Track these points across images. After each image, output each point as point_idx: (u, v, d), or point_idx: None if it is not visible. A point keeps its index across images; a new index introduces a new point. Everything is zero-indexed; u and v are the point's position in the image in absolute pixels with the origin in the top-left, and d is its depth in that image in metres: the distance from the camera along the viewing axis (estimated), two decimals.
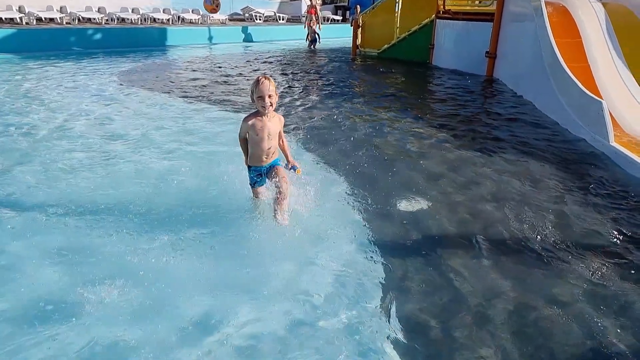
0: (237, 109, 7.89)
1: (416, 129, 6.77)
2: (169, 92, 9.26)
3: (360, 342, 2.55)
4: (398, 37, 14.62)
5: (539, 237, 3.69)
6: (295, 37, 20.59)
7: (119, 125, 6.77)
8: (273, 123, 3.49)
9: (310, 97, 9.00)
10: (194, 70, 12.24)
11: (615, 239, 3.67)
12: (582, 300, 2.93)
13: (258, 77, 3.33)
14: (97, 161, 5.19)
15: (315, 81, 10.82)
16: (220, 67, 12.81)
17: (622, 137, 5.96)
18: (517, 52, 9.80)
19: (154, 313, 2.66)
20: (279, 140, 3.64)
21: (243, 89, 9.73)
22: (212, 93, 9.26)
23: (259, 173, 3.68)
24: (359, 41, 16.21)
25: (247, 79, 10.95)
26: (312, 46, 18.43)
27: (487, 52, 11.03)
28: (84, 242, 3.42)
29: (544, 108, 7.66)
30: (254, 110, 3.50)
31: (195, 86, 9.96)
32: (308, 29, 18.77)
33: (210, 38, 19.43)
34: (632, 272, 3.24)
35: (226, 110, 7.84)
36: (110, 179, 4.69)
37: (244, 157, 3.72)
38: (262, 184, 3.75)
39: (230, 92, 9.43)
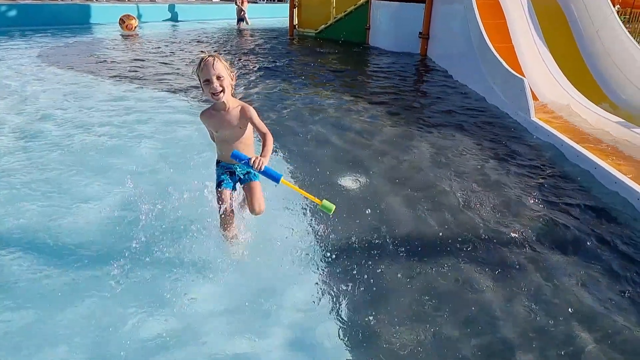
0: (170, 90, 7.59)
1: (353, 107, 6.86)
2: (95, 73, 8.72)
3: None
4: (335, 18, 14.63)
5: (469, 207, 3.92)
6: (227, 17, 19.92)
7: (37, 110, 6.29)
8: (234, 115, 2.74)
9: (248, 77, 8.83)
10: (122, 51, 11.59)
11: (535, 206, 3.97)
12: (506, 271, 3.16)
13: (202, 57, 2.62)
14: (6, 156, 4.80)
15: (252, 62, 10.62)
16: (149, 47, 12.23)
17: (541, 109, 6.40)
18: (447, 33, 10.16)
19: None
20: (260, 135, 2.77)
21: (174, 68, 9.37)
22: (143, 74, 8.83)
23: (229, 170, 2.95)
24: (295, 21, 16.04)
25: (180, 59, 10.54)
26: (239, 25, 17.90)
27: (420, 33, 11.34)
28: None
29: (473, 86, 8.04)
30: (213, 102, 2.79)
31: (123, 66, 9.44)
32: (236, 8, 18.23)
33: (139, 16, 18.41)
34: (548, 238, 3.53)
35: (159, 91, 7.52)
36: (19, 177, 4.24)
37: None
38: (230, 186, 2.96)
39: (162, 72, 9.03)
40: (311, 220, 3.58)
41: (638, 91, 7.32)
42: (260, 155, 2.57)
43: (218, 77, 2.59)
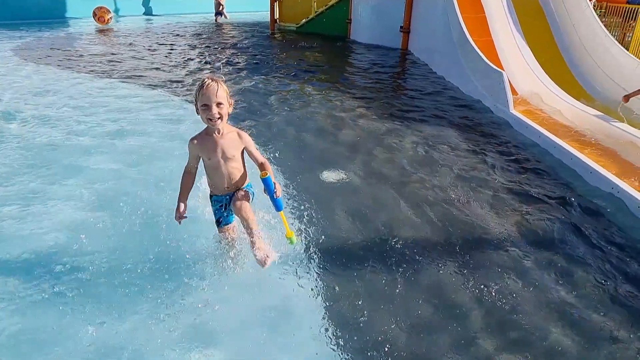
0: (149, 85, 7.46)
1: (336, 102, 6.85)
2: (69, 68, 8.53)
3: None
4: (316, 12, 14.56)
5: (448, 201, 3.95)
6: (205, 11, 19.50)
7: (5, 107, 6.10)
8: (228, 141, 2.65)
9: (230, 72, 8.73)
10: (96, 45, 11.36)
11: (512, 198, 4.03)
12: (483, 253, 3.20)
13: (203, 80, 2.51)
14: None
15: (234, 56, 10.51)
16: (124, 41, 12.01)
17: (520, 102, 6.49)
18: (428, 27, 10.19)
19: None
20: (258, 164, 2.73)
21: (151, 63, 9.22)
22: (119, 69, 8.66)
23: (221, 204, 2.84)
24: (276, 15, 15.90)
25: (157, 53, 10.37)
26: (217, 19, 17.62)
27: (401, 27, 11.36)
28: None
29: (453, 79, 8.10)
30: (204, 128, 2.67)
31: (101, 62, 9.25)
32: (214, 1, 17.92)
33: (116, 10, 18.07)
34: (528, 227, 3.59)
35: (136, 85, 7.39)
36: None
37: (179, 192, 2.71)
38: (230, 221, 2.91)
39: (139, 66, 8.88)
40: (295, 220, 3.57)
41: (613, 84, 7.47)
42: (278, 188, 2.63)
43: (218, 104, 2.50)
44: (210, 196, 2.86)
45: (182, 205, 2.66)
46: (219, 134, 2.63)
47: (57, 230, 3.27)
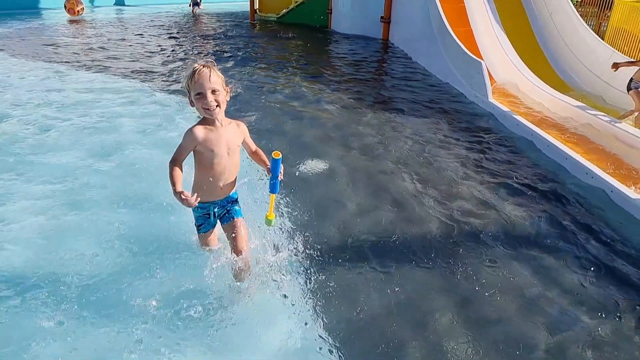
0: (121, 76, 7.31)
1: (319, 93, 6.82)
2: (44, 60, 8.31)
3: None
4: (296, 2, 14.43)
5: (432, 189, 3.98)
6: (179, 1, 18.99)
7: None
8: (231, 133, 2.45)
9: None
10: (70, 37, 11.10)
11: (490, 189, 4.08)
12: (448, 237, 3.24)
13: (193, 67, 2.31)
14: None
15: (214, 48, 10.35)
16: (100, 32, 11.78)
17: (498, 91, 6.57)
18: (408, 17, 10.20)
19: None
20: (254, 151, 2.67)
21: (124, 55, 9.03)
22: (98, 60, 8.47)
23: (206, 212, 2.58)
24: (256, 5, 15.72)
25: (132, 44, 10.16)
26: (194, 10, 17.13)
27: (381, 17, 11.35)
28: None
29: (433, 69, 8.13)
30: (200, 118, 2.45)
31: (75, 53, 9.04)
32: None
33: (91, 0, 17.63)
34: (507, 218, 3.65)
35: (112, 76, 7.25)
36: None
37: (172, 187, 2.28)
38: (210, 227, 2.66)
39: (116, 58, 8.70)
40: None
41: (589, 73, 7.60)
42: (266, 166, 2.56)
43: (213, 92, 2.29)
44: None
45: (184, 192, 2.23)
46: (220, 124, 2.41)
47: (28, 232, 3.12)
